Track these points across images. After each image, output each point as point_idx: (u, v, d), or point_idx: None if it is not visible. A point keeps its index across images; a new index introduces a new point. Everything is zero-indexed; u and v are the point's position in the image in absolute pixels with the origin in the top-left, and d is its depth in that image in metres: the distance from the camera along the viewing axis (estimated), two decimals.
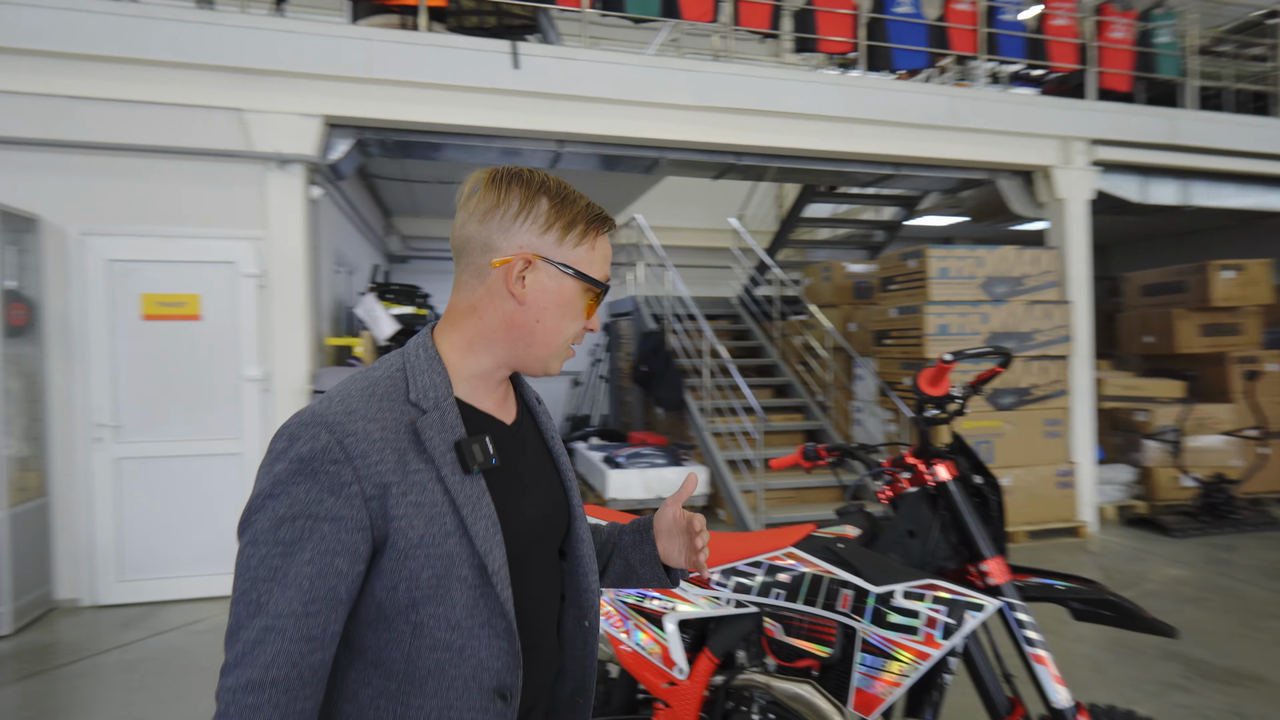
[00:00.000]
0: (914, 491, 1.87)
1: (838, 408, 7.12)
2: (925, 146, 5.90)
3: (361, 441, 0.85)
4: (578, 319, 0.98)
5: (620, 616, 2.02)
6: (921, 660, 1.65)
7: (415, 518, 0.87)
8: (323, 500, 0.83)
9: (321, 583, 0.82)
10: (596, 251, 0.98)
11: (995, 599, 1.67)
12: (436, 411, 0.91)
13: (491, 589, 0.90)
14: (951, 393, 1.92)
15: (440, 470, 0.89)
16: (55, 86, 4.48)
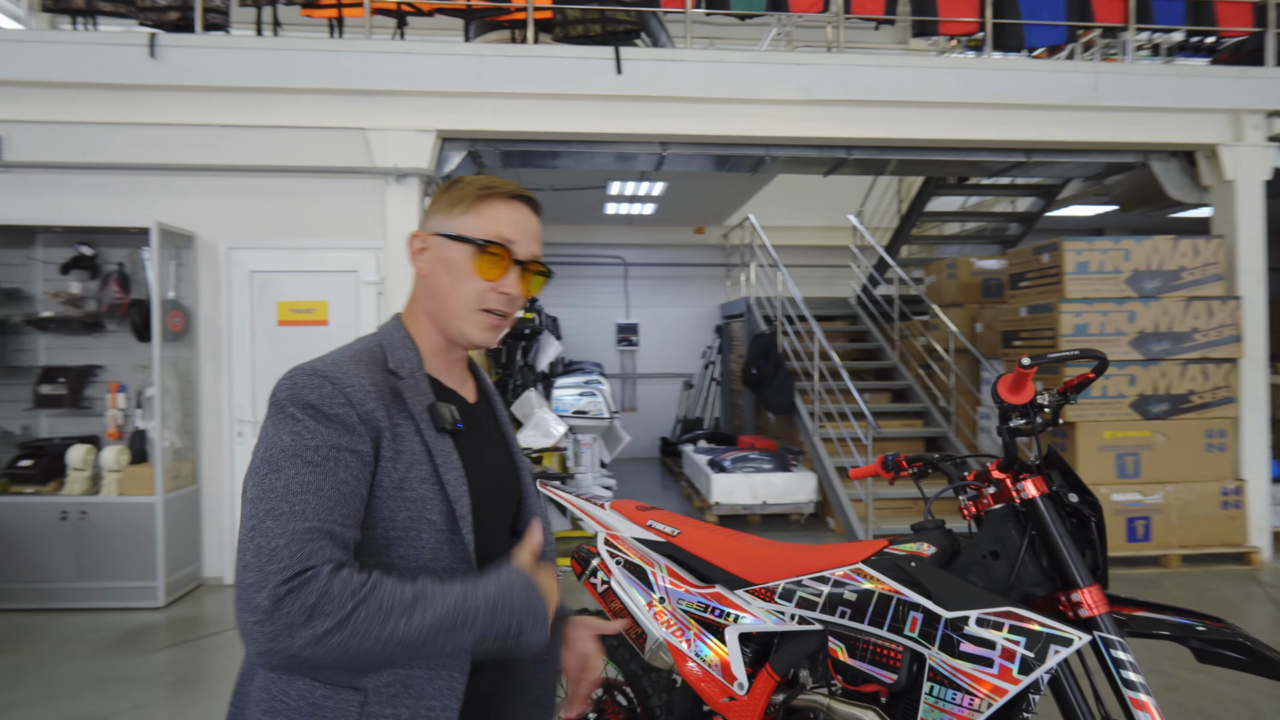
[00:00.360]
0: (999, 509, 1.67)
1: (961, 414, 6.64)
2: (1063, 130, 5.38)
3: (358, 392, 0.94)
4: (470, 278, 1.03)
5: (681, 626, 1.95)
6: (995, 696, 1.47)
7: (398, 461, 0.95)
8: (341, 436, 0.91)
9: (356, 501, 0.90)
10: (482, 215, 1.04)
11: (1086, 632, 1.46)
12: (412, 379, 1.02)
13: (458, 533, 0.98)
14: (1038, 400, 1.70)
15: (420, 428, 0.99)
16: (209, 117, 4.99)
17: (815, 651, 1.80)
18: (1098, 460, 5.09)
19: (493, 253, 1.03)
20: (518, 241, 1.05)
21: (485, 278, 1.03)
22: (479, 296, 1.03)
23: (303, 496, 0.86)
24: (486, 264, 1.03)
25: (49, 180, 4.90)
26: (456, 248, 1.03)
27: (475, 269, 1.03)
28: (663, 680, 2.12)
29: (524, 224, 1.07)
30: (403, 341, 1.05)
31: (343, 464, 0.89)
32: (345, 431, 0.91)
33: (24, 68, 4.84)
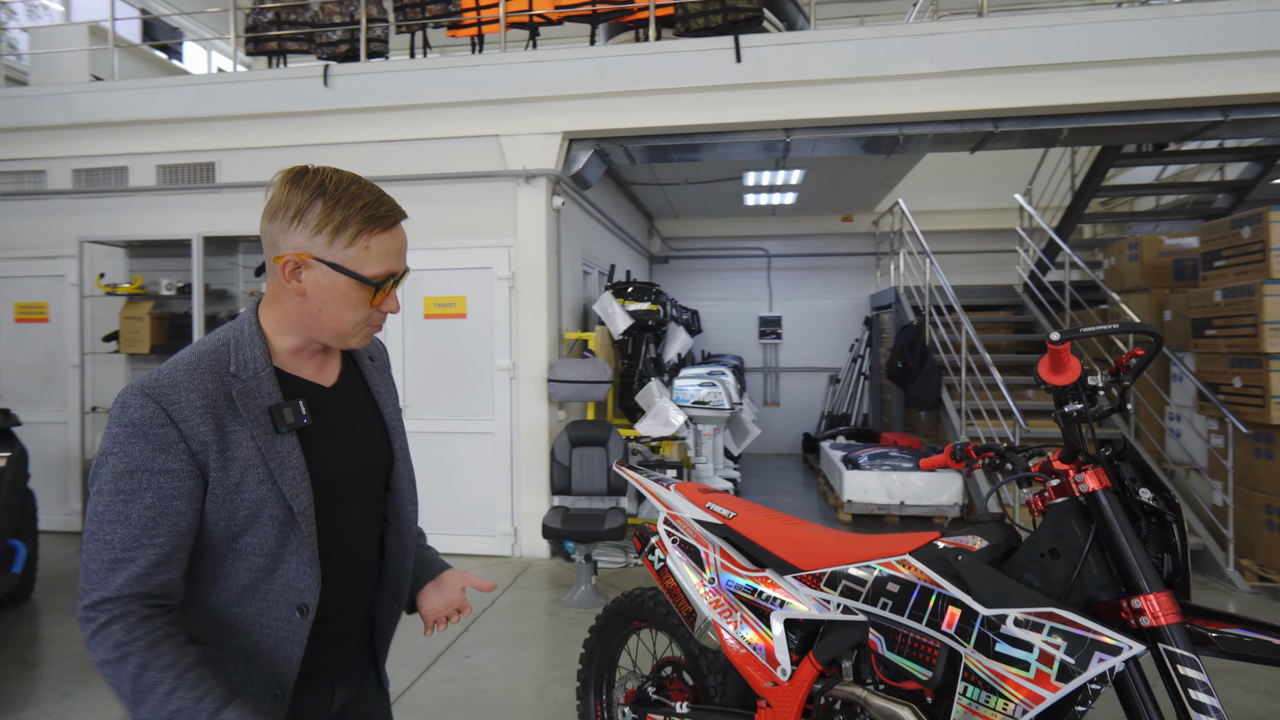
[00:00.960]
0: (1060, 503, 1.49)
1: (1143, 414, 5.86)
2: (1266, 80, 4.59)
3: (184, 408, 1.01)
4: (360, 308, 1.09)
5: (729, 607, 1.93)
6: (1031, 703, 1.31)
7: (232, 469, 1.04)
8: (155, 457, 0.99)
9: (164, 521, 0.99)
10: (371, 250, 1.06)
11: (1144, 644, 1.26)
12: (254, 380, 1.07)
13: (298, 526, 1.07)
14: (1090, 381, 1.49)
15: (253, 430, 1.05)
16: (369, 134, 5.58)
17: (858, 643, 1.71)
18: None
19: (379, 288, 1.09)
20: (400, 268, 1.12)
21: (373, 305, 1.10)
22: (366, 319, 1.11)
23: (112, 526, 0.97)
24: (381, 295, 1.10)
25: (248, 197, 5.72)
26: (346, 281, 1.06)
27: (366, 301, 1.09)
28: (719, 662, 2.11)
29: (403, 247, 1.12)
30: (251, 341, 1.09)
31: (154, 486, 0.99)
32: (161, 451, 0.99)
33: (231, 104, 5.68)
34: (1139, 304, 6.12)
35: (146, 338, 5.51)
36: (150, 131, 5.85)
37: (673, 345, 6.34)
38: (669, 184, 8.48)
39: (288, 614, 1.08)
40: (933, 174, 10.52)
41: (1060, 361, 1.48)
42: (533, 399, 5.29)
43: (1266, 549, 4.49)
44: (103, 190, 5.91)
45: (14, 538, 4.10)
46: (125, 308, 5.57)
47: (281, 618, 1.08)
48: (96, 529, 0.98)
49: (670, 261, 11.47)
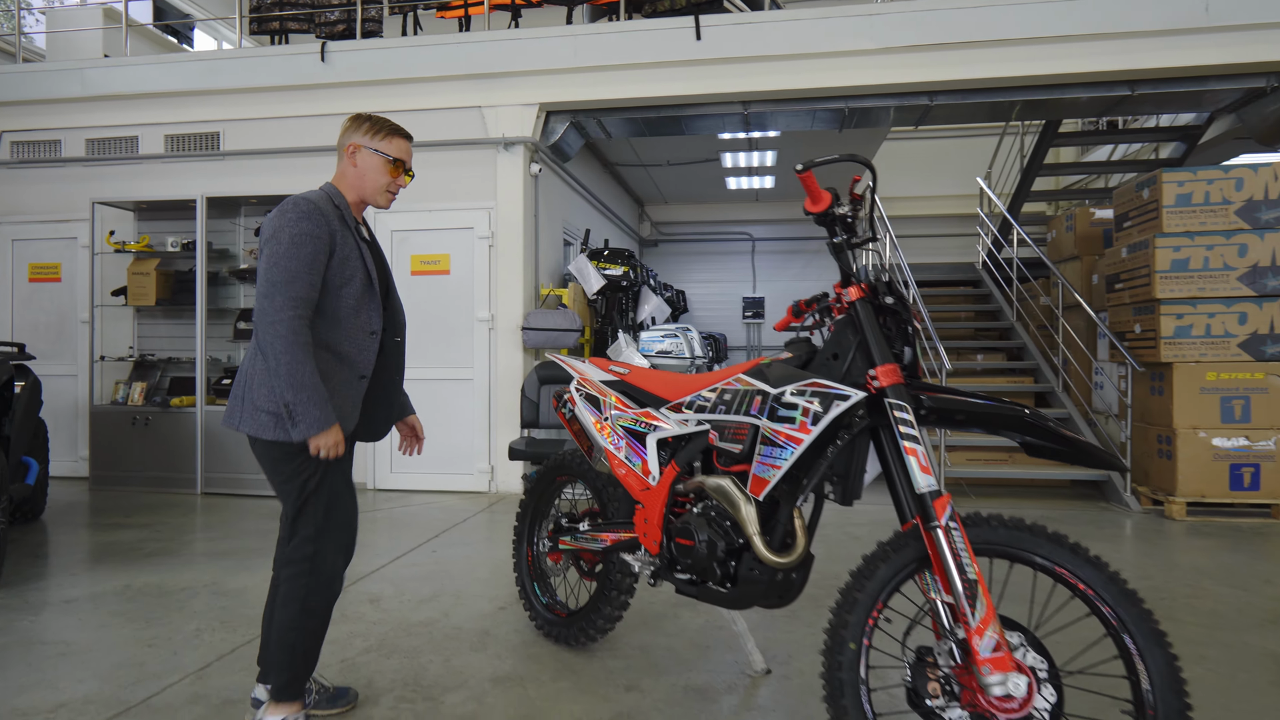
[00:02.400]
0: (841, 319, 1.96)
1: (1071, 371, 6.33)
2: (1168, 55, 5.07)
3: (326, 210, 1.98)
4: (384, 175, 2.07)
5: (618, 437, 2.41)
6: (797, 444, 1.79)
7: (343, 246, 1.99)
8: (314, 230, 1.92)
9: (316, 262, 1.92)
10: (392, 144, 2.08)
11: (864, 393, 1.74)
12: (346, 212, 2.06)
13: (372, 289, 2.06)
14: (838, 210, 1.96)
15: (351, 235, 2.03)
16: (363, 106, 6.08)
17: (705, 447, 2.19)
18: (1199, 404, 4.76)
19: (397, 164, 2.08)
20: (406, 160, 2.10)
21: (392, 176, 2.09)
22: (388, 185, 2.10)
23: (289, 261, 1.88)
24: (394, 170, 2.08)
25: (250, 164, 6.24)
26: (379, 159, 2.05)
27: (389, 172, 2.07)
28: (617, 493, 2.60)
29: (409, 150, 2.12)
30: (337, 194, 2.06)
31: (313, 245, 1.91)
32: (317, 227, 1.92)
33: (235, 78, 6.20)
34: (1073, 271, 6.59)
35: (153, 292, 6.03)
36: (159, 104, 6.38)
37: (645, 307, 6.84)
38: (652, 165, 8.98)
39: (365, 335, 2.04)
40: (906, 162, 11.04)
41: (813, 192, 1.94)
42: (509, 347, 5.79)
43: (1159, 475, 4.96)
44: (114, 157, 6.44)
45: (28, 455, 4.61)
46: (133, 264, 6.09)
47: (362, 336, 2.04)
48: (279, 259, 1.87)
49: (659, 245, 11.97)
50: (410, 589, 3.41)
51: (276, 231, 1.88)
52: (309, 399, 1.84)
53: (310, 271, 1.88)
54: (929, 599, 1.68)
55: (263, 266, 1.87)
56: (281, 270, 1.85)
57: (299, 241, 1.87)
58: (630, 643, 2.76)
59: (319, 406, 1.85)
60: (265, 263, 1.87)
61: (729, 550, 2.02)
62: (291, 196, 1.92)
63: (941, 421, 1.82)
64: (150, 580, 3.53)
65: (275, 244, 1.87)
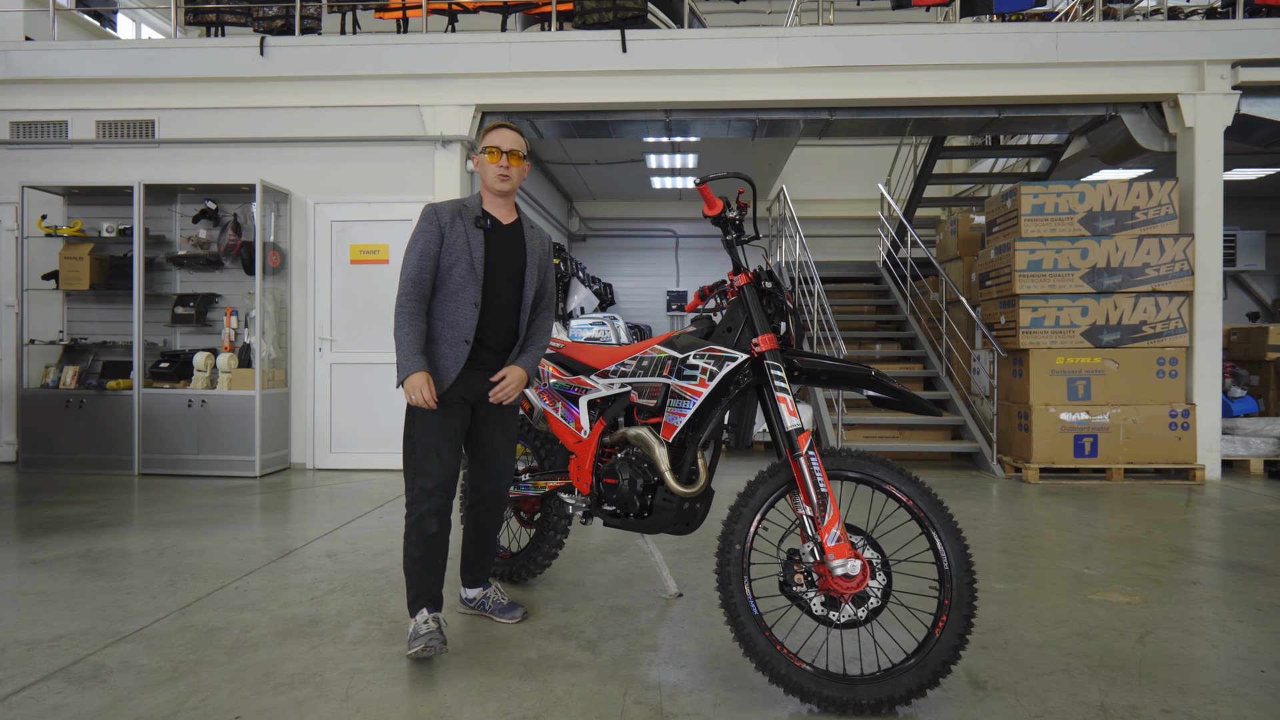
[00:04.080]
0: (734, 300, 2.50)
1: (953, 359, 7.16)
2: (1027, 86, 5.89)
3: (441, 210, 2.48)
4: (487, 166, 2.51)
5: (553, 399, 2.88)
6: (698, 395, 2.32)
7: (453, 235, 2.46)
8: (427, 228, 2.45)
9: (428, 251, 2.44)
10: (488, 139, 2.51)
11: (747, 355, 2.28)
12: (473, 207, 2.53)
13: (475, 275, 2.46)
14: (728, 214, 2.50)
15: (466, 225, 2.49)
16: (302, 100, 6.30)
17: (628, 405, 2.69)
18: (1050, 384, 5.59)
19: (493, 153, 2.48)
20: (502, 145, 2.48)
21: (493, 163, 2.49)
22: (494, 170, 2.49)
23: (410, 254, 2.42)
24: (493, 157, 2.48)
25: (187, 153, 6.35)
26: (481, 156, 2.51)
27: (489, 160, 2.49)
28: (554, 447, 3.06)
29: (504, 137, 2.50)
30: (476, 196, 2.57)
31: (425, 237, 2.43)
32: (430, 224, 2.44)
33: (171, 68, 6.30)
34: (956, 270, 7.43)
35: (86, 276, 6.08)
36: (90, 90, 6.40)
37: (575, 297, 7.30)
38: (581, 163, 9.42)
39: (469, 308, 2.45)
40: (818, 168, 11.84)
41: (708, 200, 2.47)
42: None
43: (1019, 446, 5.78)
44: (42, 141, 6.42)
45: None
46: (65, 249, 6.12)
47: (466, 310, 2.45)
48: (407, 254, 2.44)
49: (588, 240, 12.41)
50: (364, 546, 3.78)
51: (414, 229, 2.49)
52: (400, 353, 2.36)
53: (421, 259, 2.40)
54: (797, 515, 2.23)
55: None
56: (405, 260, 2.43)
57: (414, 237, 2.43)
58: (564, 579, 3.24)
59: (405, 358, 2.34)
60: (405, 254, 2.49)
61: (646, 486, 2.53)
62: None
63: (811, 380, 2.37)
64: (111, 545, 3.77)
65: (409, 239, 2.47)
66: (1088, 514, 4.51)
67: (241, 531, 4.07)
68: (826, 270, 9.16)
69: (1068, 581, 3.19)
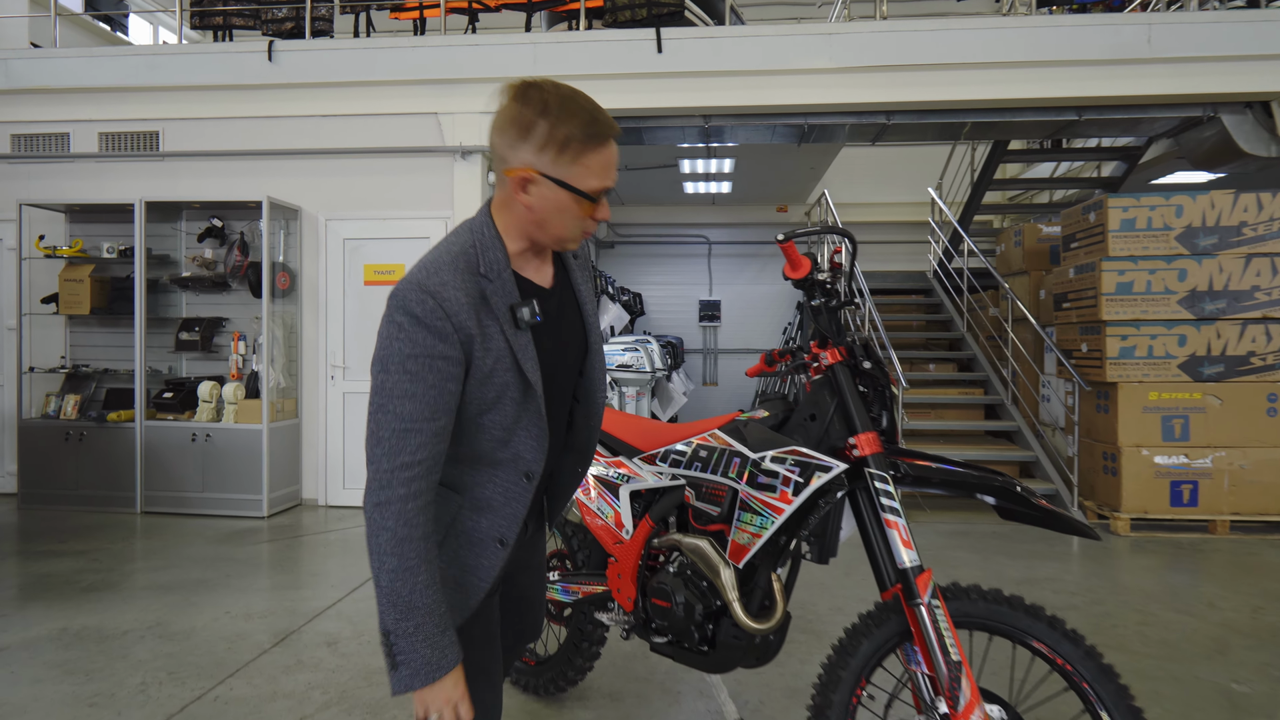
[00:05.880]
0: (818, 379, 1.97)
1: (1020, 384, 6.52)
2: (1114, 85, 5.24)
3: (453, 305, 1.16)
4: (579, 219, 1.23)
5: (589, 487, 2.37)
6: (776, 514, 1.79)
7: (486, 357, 1.21)
8: (436, 345, 1.15)
9: (441, 399, 1.17)
10: (590, 167, 1.18)
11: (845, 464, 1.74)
12: (499, 281, 1.23)
13: (533, 400, 1.27)
14: (819, 276, 1.97)
15: (502, 326, 1.22)
16: (313, 109, 5.86)
17: (680, 502, 2.17)
18: (1141, 422, 4.95)
19: (597, 197, 1.22)
20: (612, 183, 1.23)
21: (589, 215, 1.23)
22: (582, 225, 1.24)
23: (402, 401, 1.14)
24: (593, 206, 1.22)
25: (192, 166, 5.95)
26: (568, 195, 1.19)
27: (582, 211, 1.21)
28: (586, 540, 2.56)
29: (614, 161, 1.22)
30: (493, 244, 1.23)
31: (435, 369, 1.15)
32: (440, 340, 1.15)
33: (176, 75, 5.90)
34: (1021, 285, 6.78)
35: (87, 300, 5.71)
36: (93, 99, 6.03)
37: (605, 317, 6.78)
38: None
39: (516, 478, 1.30)
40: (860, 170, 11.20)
41: (792, 259, 1.94)
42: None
43: (1103, 490, 5.15)
44: (43, 155, 6.07)
45: None
46: (65, 270, 5.76)
47: (511, 480, 1.30)
48: (387, 402, 1.15)
49: (616, 246, 11.90)
50: (369, 627, 3.31)
51: (384, 351, 1.17)
52: (417, 630, 1.16)
53: (433, 415, 1.17)
54: (909, 670, 1.69)
55: (369, 406, 1.20)
56: (390, 418, 1.15)
57: (402, 371, 1.15)
58: (599, 689, 2.73)
59: (430, 643, 1.17)
60: (371, 403, 1.18)
61: (707, 612, 2.01)
62: (405, 277, 1.19)
63: (920, 485, 1.84)
64: (89, 623, 3.34)
65: (383, 373, 1.16)
66: (1204, 587, 3.89)
67: (238, 601, 3.62)
68: (871, 280, 8.54)
69: (1217, 705, 2.60)
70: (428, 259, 1.21)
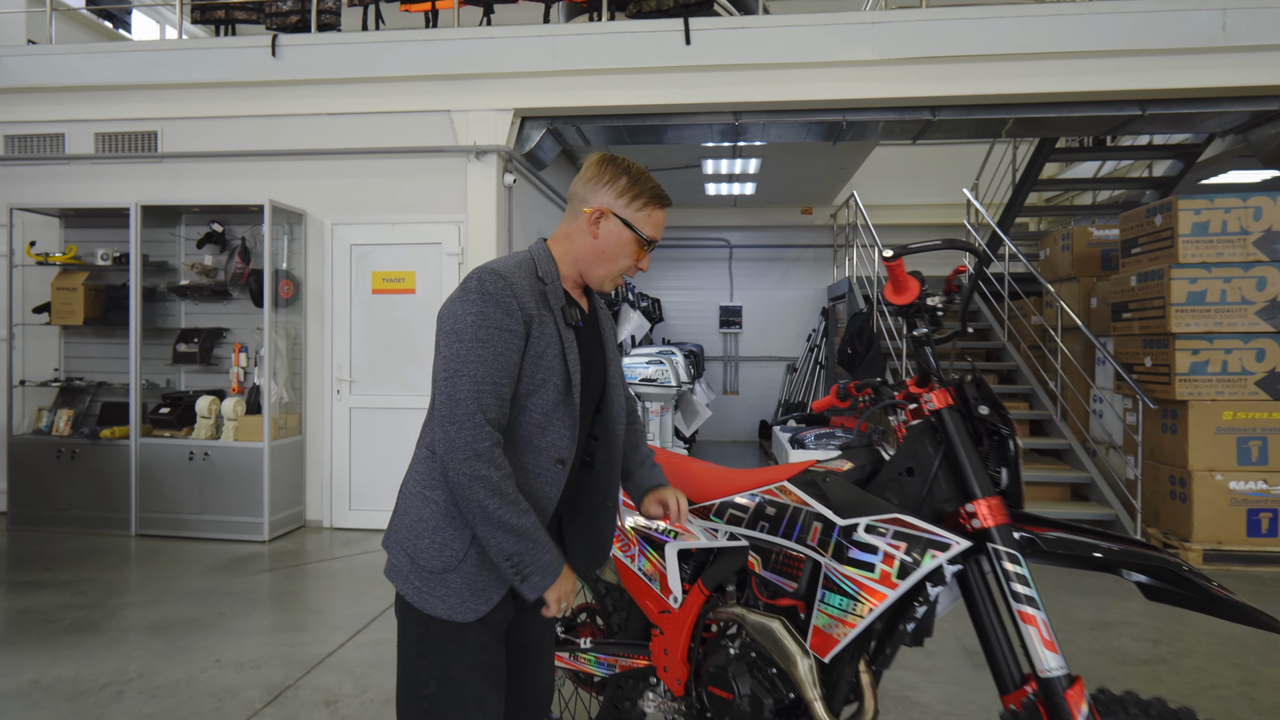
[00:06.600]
0: (916, 425, 1.59)
1: (1069, 397, 6.10)
2: (1183, 76, 4.82)
3: (520, 288, 1.36)
4: (630, 258, 1.48)
5: (629, 542, 2.01)
6: (875, 600, 1.42)
7: (541, 339, 1.38)
8: (504, 319, 1.33)
9: (508, 367, 1.34)
10: (651, 218, 1.47)
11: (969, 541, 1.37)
12: (554, 285, 1.44)
13: (570, 395, 1.42)
14: (929, 301, 1.59)
15: (556, 320, 1.41)
16: (319, 107, 5.53)
17: (741, 567, 1.80)
18: (1214, 444, 4.53)
19: (648, 247, 1.49)
20: (659, 237, 1.50)
21: (636, 259, 1.49)
22: (626, 268, 1.49)
23: (477, 366, 1.31)
24: (642, 253, 1.49)
25: (192, 168, 5.64)
26: (628, 233, 1.45)
27: (634, 253, 1.47)
28: (623, 601, 2.19)
29: (664, 224, 1.52)
30: (548, 260, 1.46)
31: (503, 340, 1.33)
32: (508, 315, 1.33)
33: (176, 72, 5.59)
34: (1069, 292, 6.36)
35: (80, 309, 5.41)
36: (89, 98, 5.73)
37: (625, 326, 6.43)
38: None
39: (550, 464, 1.43)
40: (888, 169, 10.79)
41: (899, 281, 1.57)
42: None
43: (1170, 518, 4.73)
44: (37, 157, 5.78)
45: None
46: (58, 278, 5.46)
47: (546, 466, 1.42)
48: (462, 367, 1.31)
49: None
50: (374, 681, 2.96)
51: (456, 324, 1.32)
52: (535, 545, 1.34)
53: (502, 379, 1.33)
54: None
55: (440, 375, 1.32)
56: (466, 381, 1.29)
57: (476, 334, 1.31)
58: None
59: (547, 550, 1.35)
60: (443, 369, 1.32)
61: (779, 709, 1.63)
62: (476, 269, 1.38)
63: (1060, 563, 1.46)
64: (64, 673, 3.01)
65: (457, 343, 1.31)
66: None
67: (231, 645, 3.28)
68: None
69: None
70: (493, 262, 1.40)
